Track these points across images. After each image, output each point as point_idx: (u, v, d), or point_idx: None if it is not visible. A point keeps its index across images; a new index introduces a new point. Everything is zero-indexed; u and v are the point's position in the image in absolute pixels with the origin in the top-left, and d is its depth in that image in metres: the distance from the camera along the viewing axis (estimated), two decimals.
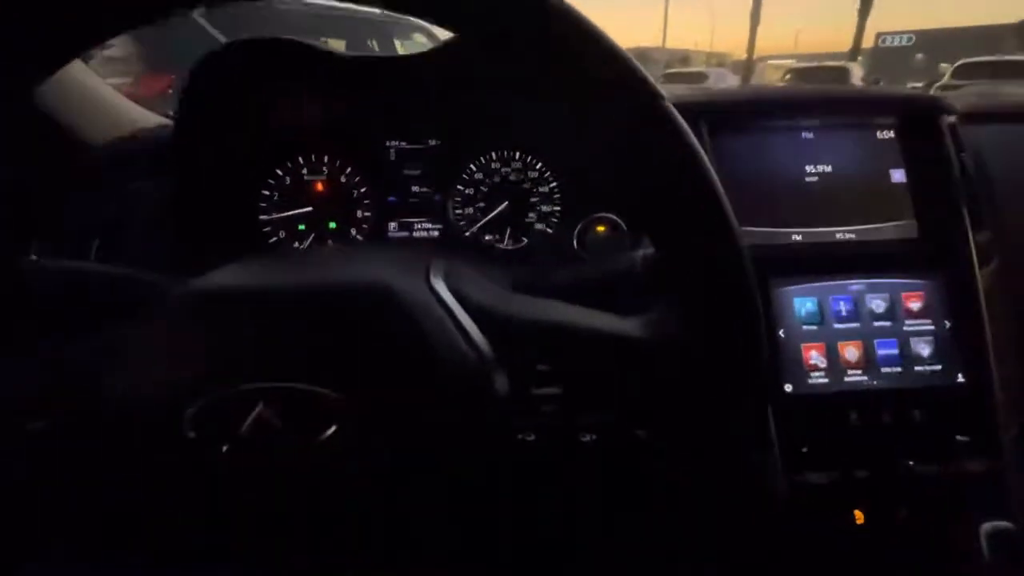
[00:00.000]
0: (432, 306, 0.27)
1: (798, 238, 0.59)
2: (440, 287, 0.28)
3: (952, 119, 0.63)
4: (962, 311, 0.55)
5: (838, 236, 0.60)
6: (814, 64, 11.89)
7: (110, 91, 0.69)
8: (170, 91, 2.27)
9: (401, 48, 5.50)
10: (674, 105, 0.27)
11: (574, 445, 0.27)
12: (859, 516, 0.50)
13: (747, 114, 0.62)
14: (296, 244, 0.69)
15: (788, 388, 0.53)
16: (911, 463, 0.51)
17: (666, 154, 0.26)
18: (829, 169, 0.61)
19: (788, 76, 11.00)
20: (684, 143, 0.26)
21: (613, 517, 0.34)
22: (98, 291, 0.33)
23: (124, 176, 0.63)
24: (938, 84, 8.97)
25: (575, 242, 0.65)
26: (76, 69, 0.63)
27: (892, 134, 0.62)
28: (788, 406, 0.53)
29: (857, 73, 10.68)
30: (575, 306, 0.30)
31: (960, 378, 0.54)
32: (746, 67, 18.86)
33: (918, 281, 0.57)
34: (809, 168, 0.61)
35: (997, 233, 0.61)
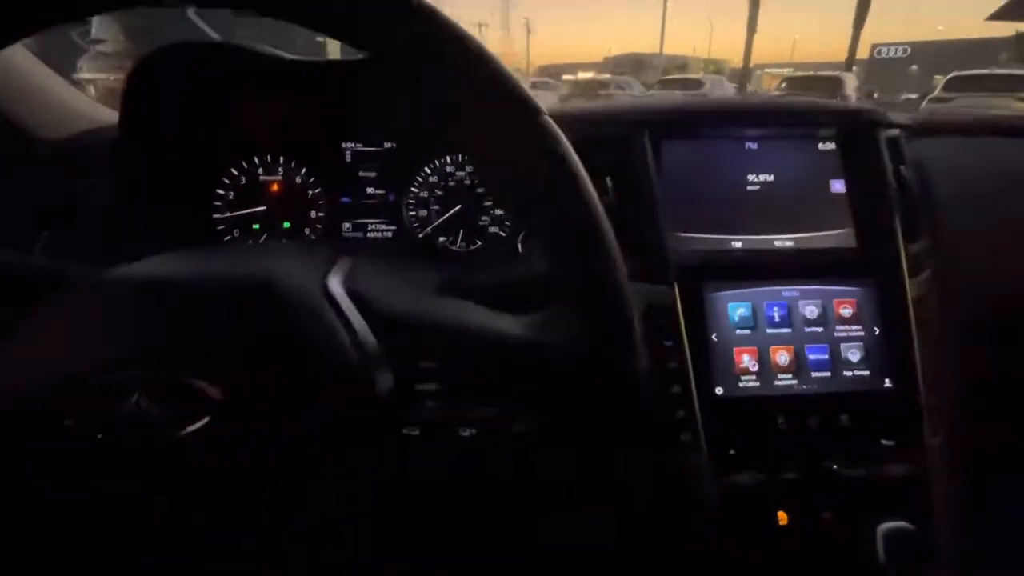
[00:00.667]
0: (317, 302, 0.28)
1: (738, 245, 0.61)
2: (334, 284, 0.29)
3: (893, 132, 0.65)
4: (891, 319, 0.56)
5: (777, 244, 0.61)
6: (809, 73, 11.97)
7: (63, 86, 0.70)
8: None
9: None
10: (616, 115, 0.28)
11: (455, 440, 0.28)
12: (783, 517, 0.52)
13: (690, 124, 0.63)
14: (250, 242, 0.69)
15: (719, 391, 0.54)
16: (836, 466, 0.52)
17: (543, 170, 0.27)
18: (771, 178, 0.63)
19: (783, 85, 11.07)
20: (561, 160, 0.27)
21: (501, 512, 0.35)
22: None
23: (71, 171, 0.64)
24: (930, 96, 9.07)
25: (519, 245, 0.66)
26: (23, 60, 0.64)
27: (833, 146, 0.64)
28: (718, 409, 0.54)
29: (852, 83, 10.77)
30: (473, 306, 0.31)
31: (887, 383, 0.55)
32: (743, 75, 19.00)
33: (851, 288, 0.58)
34: (751, 177, 0.62)
35: (934, 243, 0.62)
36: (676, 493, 0.51)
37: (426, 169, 0.71)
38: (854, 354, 0.56)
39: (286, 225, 0.70)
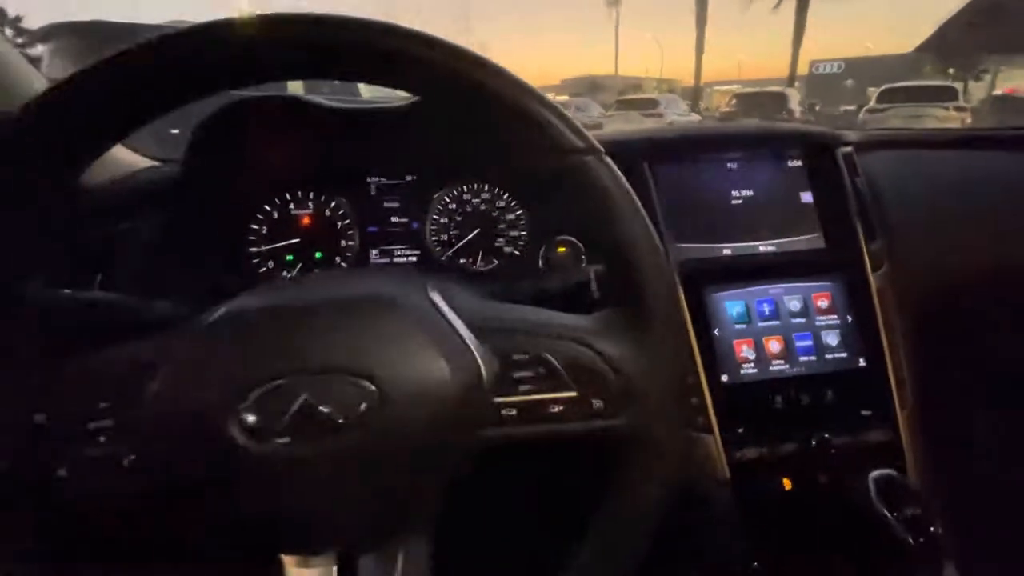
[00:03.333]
0: (431, 311, 0.34)
1: (728, 252, 0.70)
2: (436, 298, 0.36)
3: (848, 149, 0.76)
4: (860, 307, 0.66)
5: (760, 249, 0.70)
6: (756, 90, 12.72)
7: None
8: None
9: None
10: (618, 145, 0.36)
11: (546, 415, 0.35)
12: (787, 483, 0.60)
13: (681, 150, 0.73)
14: (284, 273, 0.75)
15: (724, 379, 0.63)
16: (826, 435, 0.61)
17: (607, 199, 0.35)
18: (751, 193, 0.73)
19: (733, 101, 11.70)
20: (622, 191, 0.35)
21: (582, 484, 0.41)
22: (113, 316, 0.39)
23: (120, 216, 0.68)
24: (866, 107, 9.77)
25: (540, 261, 0.73)
26: None
27: (800, 163, 0.74)
28: (725, 394, 0.62)
29: (795, 97, 11.49)
30: (543, 309, 0.38)
31: (862, 362, 0.65)
32: (694, 93, 19.98)
33: (825, 283, 0.68)
34: (735, 193, 0.72)
35: (887, 242, 0.73)
36: (695, 470, 0.59)
37: (445, 198, 0.78)
38: (833, 339, 0.66)
39: (318, 255, 0.75)
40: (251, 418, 0.30)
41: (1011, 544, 0.69)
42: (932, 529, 0.47)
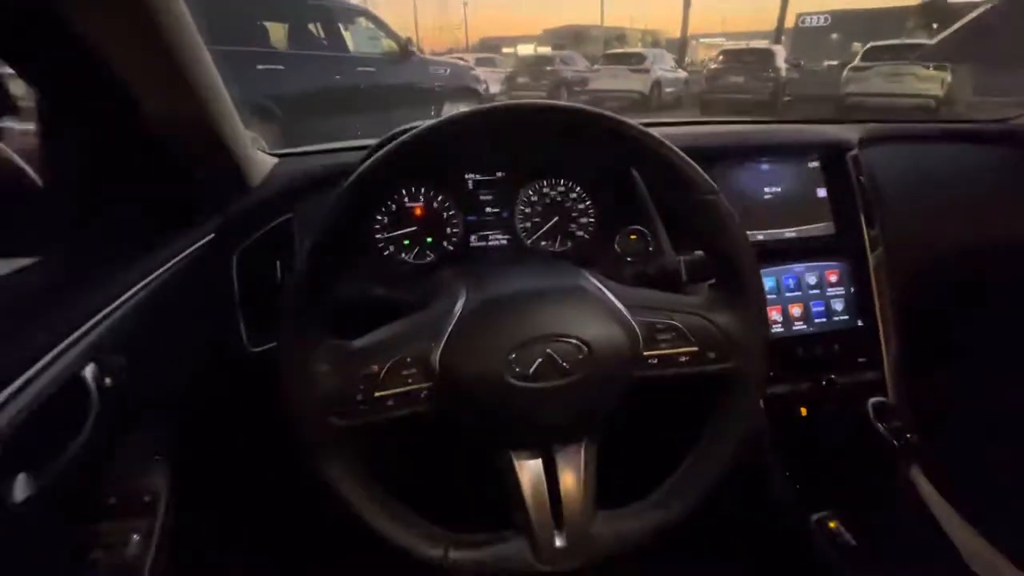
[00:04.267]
0: (600, 293, 0.53)
1: (761, 238, 0.89)
2: (600, 286, 0.55)
3: (855, 152, 0.95)
4: (860, 281, 0.87)
5: (786, 235, 0.90)
6: (742, 46, 12.64)
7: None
8: None
9: (345, 32, 5.51)
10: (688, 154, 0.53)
11: (676, 363, 0.54)
12: (803, 411, 0.82)
13: (730, 156, 0.90)
14: (403, 256, 0.91)
15: None
16: (832, 376, 0.82)
17: (724, 221, 0.53)
18: (779, 190, 0.91)
19: (720, 57, 11.64)
20: (722, 210, 0.53)
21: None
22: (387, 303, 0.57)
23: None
24: (850, 65, 9.86)
25: (616, 246, 0.91)
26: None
27: (817, 163, 0.93)
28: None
29: (781, 55, 11.47)
30: (666, 293, 0.58)
31: (859, 323, 0.86)
32: (680, 46, 19.64)
33: (835, 263, 0.88)
34: (767, 189, 0.91)
35: (883, 228, 0.93)
36: None
37: (529, 191, 0.94)
38: (839, 305, 0.86)
39: (429, 240, 0.92)
40: (514, 367, 0.48)
41: (962, 442, 0.94)
42: (908, 436, 0.69)
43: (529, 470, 0.53)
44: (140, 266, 0.59)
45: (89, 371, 0.49)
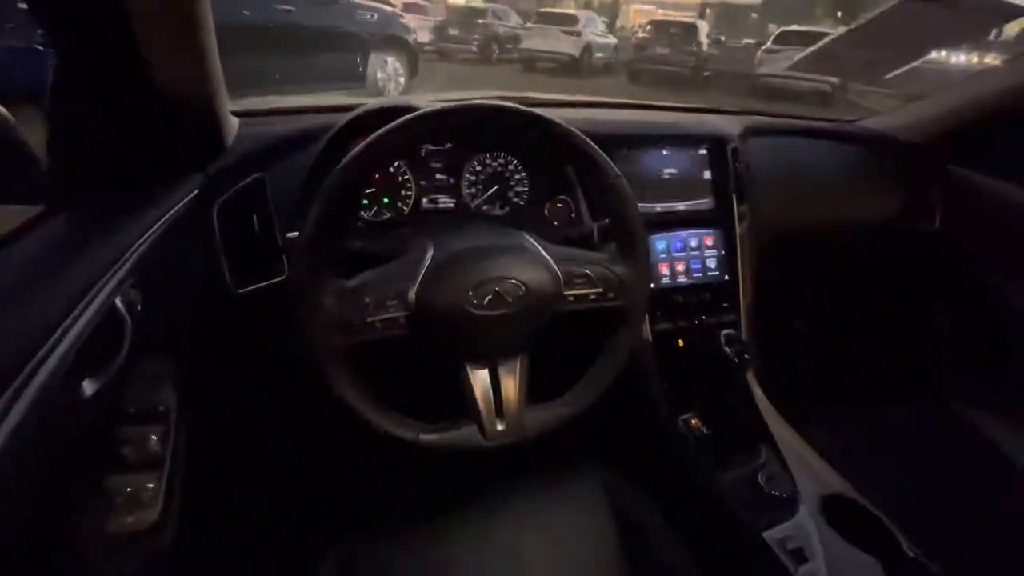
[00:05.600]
0: (538, 251, 0.72)
1: (659, 209, 1.11)
2: (536, 244, 0.74)
3: (733, 145, 1.19)
4: (728, 245, 1.13)
5: (678, 207, 1.13)
6: (670, 19, 13.06)
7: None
8: None
9: None
10: (597, 137, 0.73)
11: (586, 300, 0.75)
12: (680, 343, 1.08)
13: (633, 141, 1.11)
14: (361, 213, 1.04)
15: (652, 285, 1.07)
16: (704, 317, 1.08)
17: (624, 196, 0.73)
18: (674, 171, 1.14)
19: (649, 26, 11.99)
20: (623, 191, 0.74)
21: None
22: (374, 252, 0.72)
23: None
24: (764, 47, 10.59)
25: (545, 212, 1.10)
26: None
27: (705, 151, 1.16)
28: (653, 294, 1.07)
29: (704, 30, 12.04)
30: (580, 250, 0.78)
31: (726, 277, 1.13)
32: (612, 11, 19.85)
33: (711, 231, 1.13)
34: (664, 170, 1.13)
35: (749, 207, 1.19)
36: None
37: (474, 162, 1.10)
38: (712, 264, 1.12)
39: (386, 201, 1.05)
40: (472, 300, 0.66)
41: (785, 361, 1.26)
42: (746, 356, 0.97)
43: (479, 377, 0.73)
44: (149, 215, 0.69)
45: (120, 302, 0.61)
